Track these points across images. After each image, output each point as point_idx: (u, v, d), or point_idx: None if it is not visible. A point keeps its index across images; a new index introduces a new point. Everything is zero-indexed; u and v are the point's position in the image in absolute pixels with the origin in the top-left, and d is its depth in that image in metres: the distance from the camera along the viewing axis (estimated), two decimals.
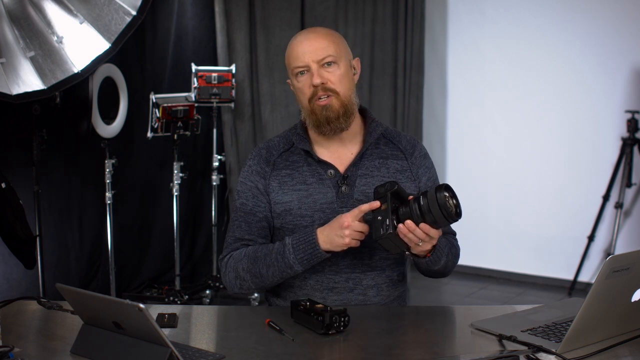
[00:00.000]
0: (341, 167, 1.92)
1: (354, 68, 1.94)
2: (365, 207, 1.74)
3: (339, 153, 1.94)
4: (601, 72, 4.54)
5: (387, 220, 1.68)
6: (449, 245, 1.88)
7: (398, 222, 1.69)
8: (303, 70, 1.88)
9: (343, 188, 1.90)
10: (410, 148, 1.98)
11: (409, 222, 1.67)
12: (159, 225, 4.52)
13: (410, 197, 1.72)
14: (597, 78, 4.56)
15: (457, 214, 1.67)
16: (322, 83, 1.85)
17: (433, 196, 1.65)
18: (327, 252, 1.79)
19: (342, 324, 1.65)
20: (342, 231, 1.74)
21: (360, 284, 1.90)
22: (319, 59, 1.86)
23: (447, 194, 1.66)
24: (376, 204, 1.73)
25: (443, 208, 1.64)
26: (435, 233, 1.69)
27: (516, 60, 4.82)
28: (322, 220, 1.87)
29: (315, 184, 1.90)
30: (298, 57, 1.88)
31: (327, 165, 1.92)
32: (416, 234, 1.68)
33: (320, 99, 1.86)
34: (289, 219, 1.90)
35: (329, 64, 1.87)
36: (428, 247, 1.73)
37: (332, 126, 1.88)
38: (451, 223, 1.69)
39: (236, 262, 1.88)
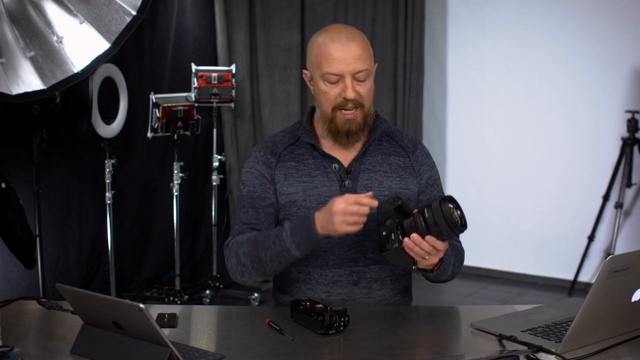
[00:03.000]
0: (345, 162, 1.93)
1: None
2: (365, 200, 1.69)
3: (343, 149, 1.95)
4: (601, 72, 4.54)
5: (393, 234, 1.67)
6: (455, 252, 1.88)
7: (403, 236, 1.67)
8: (335, 78, 1.84)
9: (346, 182, 1.91)
10: (412, 146, 2.00)
11: (414, 235, 1.65)
12: (159, 225, 4.52)
13: (415, 210, 1.71)
14: (597, 78, 4.56)
15: (462, 225, 1.65)
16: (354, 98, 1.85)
17: (438, 208, 1.64)
18: (326, 236, 1.74)
19: (342, 324, 1.64)
20: (331, 217, 1.69)
21: (364, 277, 1.91)
22: (355, 72, 1.83)
23: (451, 206, 1.65)
24: (373, 201, 1.70)
25: (449, 219, 1.63)
26: (441, 245, 1.67)
27: (516, 60, 4.82)
28: None
29: (320, 176, 1.92)
30: (333, 63, 1.83)
31: (332, 159, 1.93)
32: (422, 247, 1.65)
33: (346, 110, 1.86)
34: (293, 210, 1.90)
35: (362, 76, 1.85)
36: (435, 260, 1.72)
37: (350, 139, 1.90)
38: (457, 235, 1.68)
39: (238, 247, 1.86)
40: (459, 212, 1.66)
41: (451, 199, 1.66)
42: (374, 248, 1.90)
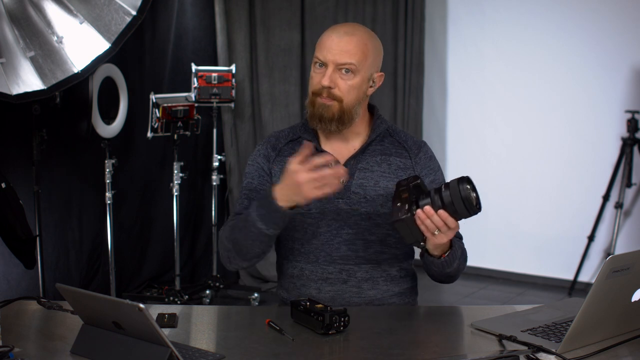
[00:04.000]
0: (342, 160, 1.94)
1: (374, 82, 1.94)
2: (320, 160, 1.69)
3: (341, 147, 1.96)
4: (601, 72, 4.54)
5: (406, 205, 1.68)
6: (460, 248, 1.88)
7: (417, 208, 1.69)
8: (321, 63, 1.88)
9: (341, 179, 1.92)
10: (415, 148, 2.00)
11: (427, 207, 1.66)
12: (159, 225, 4.52)
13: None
14: (597, 78, 4.56)
15: (478, 207, 1.67)
16: (330, 87, 1.86)
17: (456, 187, 1.65)
18: (292, 207, 1.74)
19: (342, 324, 1.64)
20: (298, 188, 1.69)
21: (354, 276, 1.91)
22: (339, 63, 1.85)
23: (469, 187, 1.66)
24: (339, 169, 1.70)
25: (465, 199, 1.64)
26: (452, 223, 1.67)
27: (516, 60, 4.82)
28: (317, 210, 1.91)
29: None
30: (322, 50, 1.87)
31: (328, 156, 1.94)
32: (434, 221, 1.66)
33: (322, 96, 1.87)
34: None
35: (346, 70, 1.86)
36: (444, 239, 1.71)
37: (321, 125, 1.90)
38: (472, 215, 1.68)
39: (222, 233, 1.90)
40: (474, 194, 1.67)
41: (469, 180, 1.67)
42: (366, 247, 1.91)
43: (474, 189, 1.68)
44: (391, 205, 1.74)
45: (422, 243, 1.75)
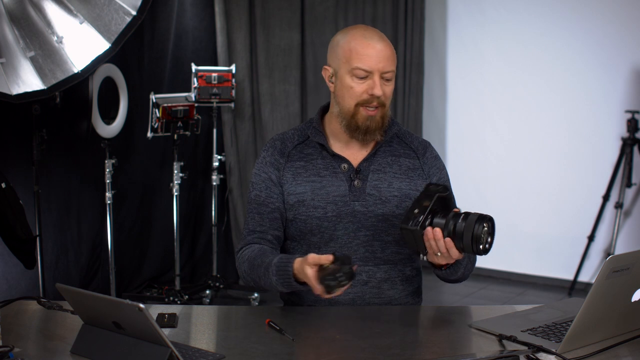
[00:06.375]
0: (354, 162, 1.94)
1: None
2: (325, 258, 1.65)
3: (352, 149, 1.96)
4: (601, 72, 4.54)
5: (421, 216, 1.68)
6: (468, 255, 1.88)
7: (429, 224, 1.69)
8: (363, 74, 1.86)
9: (356, 182, 1.92)
10: (422, 149, 2.01)
11: (438, 230, 1.67)
12: (159, 225, 4.52)
13: (455, 209, 1.72)
14: (597, 78, 4.56)
15: (485, 250, 1.66)
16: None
17: (472, 222, 1.64)
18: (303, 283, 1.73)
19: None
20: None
21: (374, 277, 1.91)
22: (384, 71, 1.86)
23: (486, 228, 1.65)
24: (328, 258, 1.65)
25: (476, 238, 1.64)
26: (455, 254, 1.69)
27: (516, 60, 4.82)
28: (334, 213, 1.89)
29: (329, 176, 1.93)
30: (365, 60, 1.85)
31: (341, 159, 1.94)
32: (438, 245, 1.68)
33: (369, 107, 1.87)
34: (302, 210, 1.91)
35: (388, 77, 1.88)
36: (443, 262, 1.73)
37: (367, 137, 1.91)
38: (475, 254, 1.69)
39: (242, 263, 1.91)
40: (489, 238, 1.67)
41: (490, 221, 1.66)
42: (383, 248, 1.92)
43: (491, 233, 1.67)
44: (409, 205, 1.73)
45: (423, 256, 1.75)
